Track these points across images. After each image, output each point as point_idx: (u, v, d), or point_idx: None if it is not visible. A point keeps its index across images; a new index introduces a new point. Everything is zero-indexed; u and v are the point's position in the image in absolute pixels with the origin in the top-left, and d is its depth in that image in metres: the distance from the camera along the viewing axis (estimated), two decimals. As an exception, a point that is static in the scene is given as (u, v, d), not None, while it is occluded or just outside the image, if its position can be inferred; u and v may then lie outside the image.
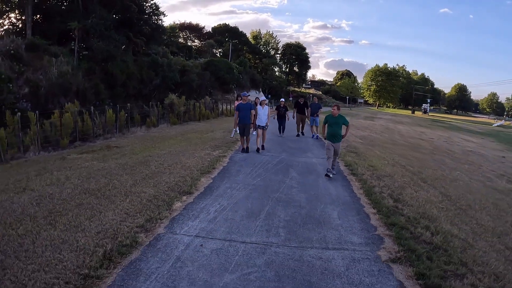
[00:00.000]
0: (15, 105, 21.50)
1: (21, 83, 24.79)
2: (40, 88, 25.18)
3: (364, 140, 15.62)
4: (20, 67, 25.03)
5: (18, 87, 24.19)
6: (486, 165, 14.04)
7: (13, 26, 32.08)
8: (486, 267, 4.17)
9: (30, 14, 29.83)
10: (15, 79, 23.99)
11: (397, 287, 3.55)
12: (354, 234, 4.82)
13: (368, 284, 3.57)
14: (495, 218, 6.61)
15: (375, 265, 3.97)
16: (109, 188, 6.13)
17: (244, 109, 10.35)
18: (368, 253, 4.25)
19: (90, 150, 10.84)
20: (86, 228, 4.43)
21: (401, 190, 7.15)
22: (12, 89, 23.08)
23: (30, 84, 24.88)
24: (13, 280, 3.26)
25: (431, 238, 4.75)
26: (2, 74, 22.58)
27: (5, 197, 5.80)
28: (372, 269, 3.86)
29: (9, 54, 25.07)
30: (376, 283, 3.60)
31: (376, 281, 3.63)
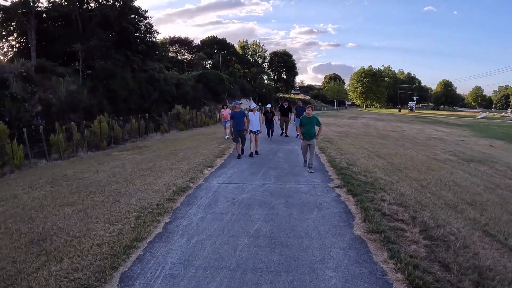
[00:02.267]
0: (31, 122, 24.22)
1: (33, 102, 27.55)
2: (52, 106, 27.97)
3: (340, 134, 18.77)
4: (32, 88, 27.77)
5: (31, 106, 26.91)
6: (441, 146, 17.14)
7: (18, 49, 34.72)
8: (396, 191, 7.17)
9: (34, 37, 32.45)
10: (28, 98, 26.73)
11: (336, 196, 6.58)
12: (316, 178, 7.99)
13: (320, 195, 6.63)
14: (422, 173, 9.61)
15: (325, 188, 7.08)
16: (157, 167, 9.11)
17: (237, 117, 10.81)
18: (322, 184, 7.37)
19: (125, 149, 13.78)
20: (155, 182, 7.40)
21: (356, 161, 10.24)
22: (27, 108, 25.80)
23: (43, 103, 27.67)
24: (123, 203, 6.14)
25: (364, 179, 7.82)
26: (18, 94, 25.39)
27: (87, 175, 8.71)
28: (323, 190, 6.97)
29: (21, 76, 27.77)
30: (324, 195, 6.68)
31: (324, 194, 6.70)
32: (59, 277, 3.73)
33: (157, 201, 6.13)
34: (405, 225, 5.18)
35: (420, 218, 5.58)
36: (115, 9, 33.74)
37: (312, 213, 5.63)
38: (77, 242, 4.54)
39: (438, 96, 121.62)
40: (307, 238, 4.67)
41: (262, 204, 6.07)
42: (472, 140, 23.70)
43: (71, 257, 4.15)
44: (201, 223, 5.20)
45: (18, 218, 5.68)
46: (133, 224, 5.07)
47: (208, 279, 3.68)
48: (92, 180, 7.91)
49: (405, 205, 6.20)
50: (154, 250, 4.34)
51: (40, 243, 4.60)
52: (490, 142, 23.20)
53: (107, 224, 5.13)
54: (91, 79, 32.42)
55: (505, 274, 4.05)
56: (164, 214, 5.53)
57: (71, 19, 34.20)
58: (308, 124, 9.08)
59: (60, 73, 30.39)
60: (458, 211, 6.37)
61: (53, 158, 12.07)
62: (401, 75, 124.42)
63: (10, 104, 24.23)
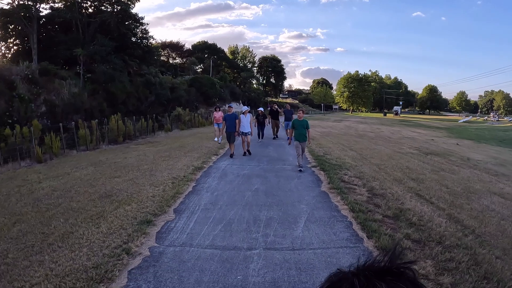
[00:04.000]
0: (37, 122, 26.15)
1: (38, 103, 29.41)
2: (56, 107, 29.87)
3: (322, 133, 21.30)
4: (37, 90, 29.62)
5: (36, 106, 28.80)
6: (409, 143, 19.73)
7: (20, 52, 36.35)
8: (357, 170, 9.60)
9: (35, 41, 34.21)
10: (34, 100, 28.62)
11: (311, 172, 9.00)
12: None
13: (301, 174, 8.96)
14: (383, 161, 12.05)
15: (304, 167, 9.40)
16: (173, 155, 11.41)
17: (230, 119, 11.45)
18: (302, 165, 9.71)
19: (140, 143, 16.00)
20: (176, 165, 9.71)
21: (331, 152, 12.71)
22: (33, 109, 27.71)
23: (48, 104, 29.57)
24: (158, 176, 8.42)
25: (335, 162, 10.27)
26: (25, 96, 27.31)
27: (119, 160, 10.98)
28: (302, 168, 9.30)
29: (27, 79, 29.60)
30: (304, 172, 9.01)
31: (304, 172, 9.03)
32: (133, 212, 5.99)
33: (183, 174, 8.44)
34: (357, 187, 7.60)
35: (370, 184, 8.00)
36: (114, 15, 35.65)
37: (294, 180, 8.03)
38: (136, 196, 6.82)
39: (424, 100, 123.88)
40: (289, 191, 7.08)
41: (259, 176, 8.45)
42: (442, 139, 26.47)
43: (136, 202, 6.43)
44: (218, 186, 7.55)
45: (82, 185, 7.90)
46: (171, 186, 7.38)
47: (229, 210, 6.02)
48: (125, 163, 10.18)
49: (361, 177, 8.63)
50: (190, 198, 6.66)
51: (109, 197, 6.85)
52: (458, 142, 25.98)
53: (152, 186, 7.43)
54: (91, 82, 34.24)
55: (418, 212, 6.41)
56: (190, 182, 7.85)
57: (71, 25, 35.92)
58: (299, 127, 9.59)
59: (62, 76, 32.24)
60: (401, 183, 8.80)
61: (81, 149, 14.25)
62: (388, 80, 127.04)
63: (18, 104, 26.16)
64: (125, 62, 37.87)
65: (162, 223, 5.42)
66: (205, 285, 3.68)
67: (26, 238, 4.93)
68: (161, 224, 5.39)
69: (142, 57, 41.13)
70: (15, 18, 33.69)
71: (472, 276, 4.04)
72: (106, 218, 5.62)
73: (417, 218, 6.00)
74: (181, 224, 5.38)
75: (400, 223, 5.65)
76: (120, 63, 36.47)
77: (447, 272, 4.12)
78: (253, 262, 4.18)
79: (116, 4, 36.68)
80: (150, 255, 4.36)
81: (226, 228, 5.23)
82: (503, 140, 36.63)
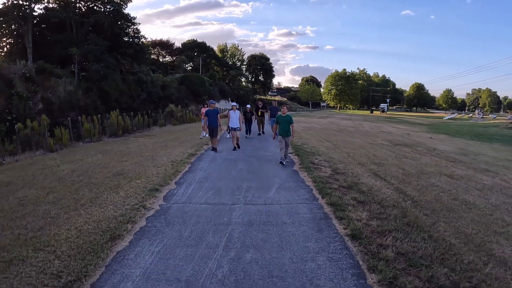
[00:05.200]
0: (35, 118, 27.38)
1: (36, 101, 30.59)
2: (52, 104, 31.08)
3: (305, 128, 23.10)
4: (35, 88, 30.76)
5: (34, 104, 29.99)
6: (384, 137, 21.58)
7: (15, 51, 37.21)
8: (328, 156, 11.29)
9: (30, 40, 35.19)
10: (31, 97, 29.79)
11: (291, 159, 10.61)
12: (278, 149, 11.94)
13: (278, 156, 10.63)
14: (353, 150, 13.78)
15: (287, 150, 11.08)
16: (169, 145, 12.99)
17: (212, 114, 11.77)
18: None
19: (138, 136, 17.56)
20: (173, 152, 11.30)
21: (309, 142, 14.43)
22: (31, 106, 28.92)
23: (45, 102, 30.78)
24: (159, 160, 10.00)
25: (309, 150, 11.98)
26: (23, 93, 28.51)
27: (123, 149, 12.53)
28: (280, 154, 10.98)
29: (24, 77, 30.69)
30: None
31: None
32: (143, 184, 7.58)
33: (180, 159, 10.07)
34: (323, 167, 9.31)
35: (335, 166, 9.71)
36: (108, 16, 36.80)
37: (271, 163, 9.77)
38: (143, 174, 8.41)
39: (411, 98, 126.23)
40: (267, 170, 8.79)
41: (243, 160, 10.13)
42: (418, 134, 28.42)
43: (144, 178, 8.03)
44: (209, 166, 9.21)
45: (96, 167, 9.45)
46: (171, 167, 9.00)
47: (218, 182, 7.69)
48: (128, 151, 11.75)
49: (329, 161, 10.34)
50: (187, 175, 8.30)
51: (121, 175, 8.43)
52: (433, 136, 27.95)
53: (155, 167, 9.03)
54: (85, 80, 35.33)
55: (370, 185, 8.07)
56: (186, 164, 9.49)
57: (65, 24, 36.91)
58: (283, 122, 9.86)
59: (58, 75, 33.35)
60: (363, 166, 10.51)
61: (86, 141, 15.77)
62: (376, 78, 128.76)
63: (17, 101, 27.38)
64: (117, 61, 39.01)
65: (166, 190, 7.05)
66: (201, 224, 5.32)
67: (61, 202, 6.49)
68: (166, 191, 7.01)
69: (134, 56, 42.26)
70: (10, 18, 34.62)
71: (397, 222, 5.68)
72: (122, 188, 7.21)
73: (367, 188, 7.69)
74: (182, 191, 7.01)
75: (351, 190, 7.35)
76: (113, 62, 37.61)
77: (376, 219, 5.77)
78: (235, 211, 5.84)
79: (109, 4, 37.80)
80: (160, 209, 5.98)
81: (216, 193, 6.89)
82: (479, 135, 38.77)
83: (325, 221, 5.49)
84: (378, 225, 5.44)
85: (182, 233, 4.97)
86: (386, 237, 4.97)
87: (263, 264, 4.13)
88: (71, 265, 4.07)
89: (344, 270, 4.04)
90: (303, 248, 4.56)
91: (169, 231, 5.06)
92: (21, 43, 36.66)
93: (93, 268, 4.00)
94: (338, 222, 5.48)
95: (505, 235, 5.56)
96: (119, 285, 3.68)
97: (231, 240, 4.75)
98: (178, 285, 3.69)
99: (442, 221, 5.95)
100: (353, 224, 5.30)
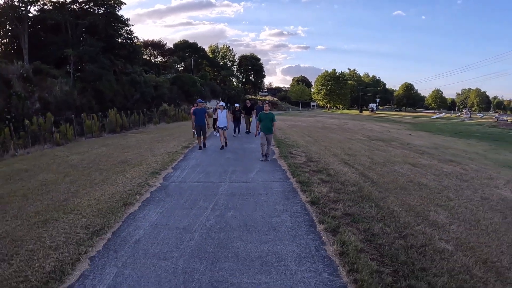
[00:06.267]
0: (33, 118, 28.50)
1: (33, 101, 31.63)
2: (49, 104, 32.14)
3: (291, 126, 24.62)
4: (32, 88, 31.78)
5: (31, 103, 31.03)
6: (364, 133, 23.16)
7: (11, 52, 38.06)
8: (305, 148, 12.76)
9: (26, 41, 36.11)
10: (29, 97, 30.84)
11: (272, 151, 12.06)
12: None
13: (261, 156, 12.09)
14: (331, 144, 15.27)
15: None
16: (165, 140, 14.36)
17: (199, 113, 12.04)
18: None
19: (135, 133, 18.89)
20: (169, 145, 12.71)
21: (291, 137, 15.91)
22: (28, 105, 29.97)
23: (42, 101, 31.83)
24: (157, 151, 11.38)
25: (290, 143, 13.47)
26: (21, 93, 29.57)
27: (123, 143, 13.85)
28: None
29: (22, 77, 31.69)
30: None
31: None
32: (145, 169, 8.96)
33: (175, 150, 11.48)
34: (299, 156, 10.79)
35: (310, 156, 11.19)
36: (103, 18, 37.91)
37: (255, 153, 11.21)
38: (144, 161, 9.80)
39: (400, 98, 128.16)
40: (250, 160, 10.27)
41: (230, 151, 11.59)
42: (399, 131, 30.17)
43: (146, 164, 9.42)
44: (201, 156, 10.65)
45: (102, 157, 10.81)
46: (167, 156, 10.40)
47: (208, 167, 9.11)
48: (129, 144, 13.11)
49: (306, 152, 11.82)
50: (182, 162, 9.71)
51: (125, 163, 9.81)
52: (413, 133, 29.69)
53: (154, 157, 10.43)
54: (80, 81, 36.35)
55: (338, 170, 9.51)
56: (181, 154, 10.90)
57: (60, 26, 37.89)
58: (265, 119, 10.13)
59: (54, 75, 34.36)
60: (336, 156, 11.99)
61: (88, 137, 17.09)
62: (367, 78, 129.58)
63: (16, 101, 28.43)
64: (111, 62, 40.03)
65: (165, 173, 8.47)
66: (194, 195, 6.75)
67: (78, 183, 7.85)
68: (165, 174, 8.42)
69: (127, 57, 43.25)
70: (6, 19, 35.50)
71: (351, 195, 7.08)
72: (128, 172, 8.61)
73: (334, 172, 9.16)
74: (178, 174, 8.44)
75: (319, 174, 8.81)
76: (107, 63, 38.62)
77: (335, 192, 7.21)
78: (222, 187, 7.29)
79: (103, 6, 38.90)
80: (161, 186, 7.40)
81: (206, 175, 8.33)
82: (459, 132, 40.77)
83: (292, 193, 6.95)
84: (335, 196, 6.89)
85: (179, 201, 6.39)
86: (338, 203, 6.41)
87: (240, 218, 5.57)
88: (96, 221, 5.45)
89: (301, 222, 5.48)
90: (272, 209, 6.01)
91: (169, 200, 6.47)
92: (16, 44, 37.54)
93: (113, 222, 5.40)
94: (303, 193, 6.94)
95: (445, 207, 6.93)
96: (134, 232, 5.08)
97: (217, 204, 6.19)
98: (178, 231, 5.10)
99: (392, 196, 7.35)
100: (314, 194, 6.76)
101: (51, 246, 4.59)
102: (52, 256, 4.33)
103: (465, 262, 4.48)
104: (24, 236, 4.95)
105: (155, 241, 4.74)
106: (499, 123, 57.69)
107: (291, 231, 5.12)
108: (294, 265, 4.14)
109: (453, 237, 5.33)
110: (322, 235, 5.02)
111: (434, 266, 4.32)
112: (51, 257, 4.29)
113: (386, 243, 4.88)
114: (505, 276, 4.26)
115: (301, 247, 4.61)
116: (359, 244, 4.71)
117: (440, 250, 4.78)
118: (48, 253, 4.41)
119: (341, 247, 4.58)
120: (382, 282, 3.88)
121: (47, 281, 3.81)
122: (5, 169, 9.94)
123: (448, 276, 4.10)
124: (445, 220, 6.08)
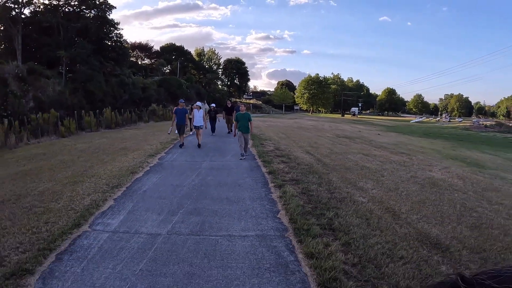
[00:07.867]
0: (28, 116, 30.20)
1: (27, 99, 33.26)
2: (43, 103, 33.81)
3: (269, 126, 27.04)
4: (27, 87, 33.37)
5: (26, 102, 32.66)
6: (335, 133, 25.66)
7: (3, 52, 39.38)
8: (276, 142, 15.15)
9: (20, 42, 37.60)
10: (23, 96, 32.47)
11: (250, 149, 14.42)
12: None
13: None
14: (301, 140, 17.63)
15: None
16: (155, 134, 16.57)
17: (180, 113, 12.69)
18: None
19: (128, 129, 21.03)
20: (160, 138, 14.98)
21: (266, 134, 18.31)
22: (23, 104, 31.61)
23: (36, 100, 33.50)
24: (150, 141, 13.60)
25: (264, 138, 15.90)
26: (17, 92, 31.22)
27: (119, 136, 15.99)
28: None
29: (17, 77, 33.24)
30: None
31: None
32: (142, 153, 11.18)
33: (165, 141, 13.75)
34: (269, 146, 13.18)
35: (278, 146, 13.57)
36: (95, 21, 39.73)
37: (232, 144, 13.55)
38: (141, 148, 12.03)
39: (383, 102, 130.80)
40: (228, 147, 12.62)
41: (212, 142, 13.91)
42: (370, 132, 32.76)
43: (143, 150, 11.65)
44: (187, 145, 12.88)
45: (105, 145, 12.97)
46: (159, 145, 12.66)
47: (193, 152, 11.46)
48: (125, 137, 15.29)
49: (276, 144, 14.21)
50: (172, 149, 12.01)
51: (125, 149, 12.00)
52: (381, 133, 32.42)
53: (149, 145, 12.68)
54: (72, 81, 38.00)
55: (298, 156, 11.82)
56: (171, 144, 13.18)
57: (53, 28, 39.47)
58: (242, 119, 10.65)
59: (47, 75, 35.98)
60: (302, 148, 14.36)
61: (87, 131, 19.16)
62: (350, 82, 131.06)
63: (12, 100, 30.08)
64: (101, 64, 41.81)
65: (159, 156, 10.76)
66: (183, 168, 9.05)
67: (91, 161, 10.04)
68: (159, 156, 10.71)
69: (116, 59, 44.95)
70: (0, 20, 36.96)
71: (302, 171, 9.41)
72: (129, 155, 10.86)
73: (294, 157, 11.53)
74: (169, 156, 10.75)
75: (282, 157, 11.19)
76: (97, 65, 40.42)
77: (289, 168, 9.55)
78: (203, 164, 9.63)
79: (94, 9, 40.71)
80: (157, 163, 9.69)
81: (192, 157, 10.67)
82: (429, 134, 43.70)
83: (256, 168, 9.33)
84: (288, 170, 9.25)
85: (172, 171, 8.71)
86: (290, 174, 8.79)
87: (216, 181, 7.92)
88: (113, 181, 7.70)
89: (258, 183, 7.85)
90: (239, 176, 8.38)
91: (164, 171, 8.78)
92: (10, 44, 38.98)
93: (125, 182, 7.66)
94: (264, 168, 9.32)
95: (375, 180, 9.12)
96: (141, 187, 7.35)
97: (200, 173, 8.53)
98: (172, 186, 7.40)
99: (335, 172, 9.67)
100: (272, 168, 9.14)
101: (84, 194, 6.82)
102: (87, 198, 6.56)
103: (371, 207, 6.75)
104: (61, 190, 7.15)
105: (157, 191, 7.05)
106: (472, 126, 60.78)
107: (250, 187, 7.48)
108: (249, 202, 6.49)
109: (370, 195, 7.57)
110: (271, 189, 7.38)
111: (345, 206, 6.64)
112: (86, 199, 6.52)
113: (315, 195, 7.20)
114: (398, 216, 6.56)
115: (255, 194, 6.98)
116: (295, 193, 7.06)
117: (355, 201, 7.06)
118: (83, 196, 6.65)
119: (282, 194, 6.94)
120: (303, 210, 6.22)
121: (87, 209, 6.03)
122: (24, 153, 12.06)
123: (352, 211, 6.42)
124: (369, 187, 8.32)
